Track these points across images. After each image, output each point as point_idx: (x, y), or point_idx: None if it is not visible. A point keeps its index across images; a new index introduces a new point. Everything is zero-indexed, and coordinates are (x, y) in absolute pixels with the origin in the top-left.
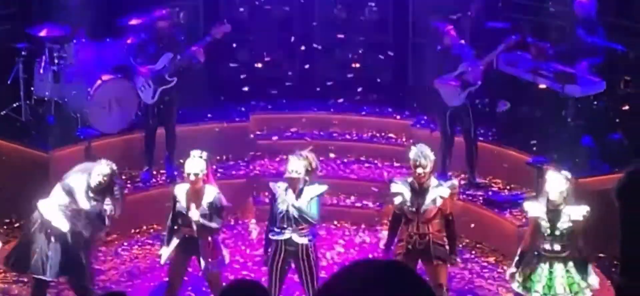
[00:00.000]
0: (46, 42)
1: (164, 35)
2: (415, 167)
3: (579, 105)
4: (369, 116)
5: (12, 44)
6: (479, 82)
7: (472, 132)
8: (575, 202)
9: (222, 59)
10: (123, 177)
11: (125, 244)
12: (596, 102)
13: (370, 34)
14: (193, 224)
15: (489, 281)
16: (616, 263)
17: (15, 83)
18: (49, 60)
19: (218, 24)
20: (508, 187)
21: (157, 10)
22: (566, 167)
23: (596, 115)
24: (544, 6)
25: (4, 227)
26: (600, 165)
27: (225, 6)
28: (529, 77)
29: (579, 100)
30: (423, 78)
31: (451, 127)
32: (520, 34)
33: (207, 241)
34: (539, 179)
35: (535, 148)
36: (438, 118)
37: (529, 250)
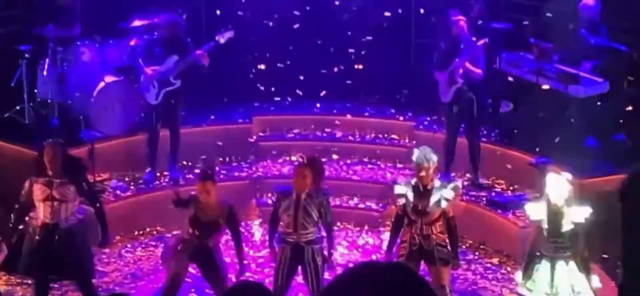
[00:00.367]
0: (49, 44)
1: (170, 38)
2: (418, 170)
3: (582, 106)
4: (372, 117)
5: (16, 46)
6: (460, 80)
7: (475, 132)
8: (577, 203)
9: (225, 60)
10: (126, 179)
11: (128, 246)
12: (599, 103)
13: (373, 35)
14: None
15: (492, 282)
16: (620, 263)
17: (18, 85)
18: (52, 62)
19: (223, 29)
20: (511, 188)
21: (163, 12)
22: (569, 167)
23: (599, 116)
24: (547, 6)
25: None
26: (604, 166)
27: (227, 8)
28: (532, 78)
29: (582, 100)
30: (426, 80)
31: (455, 127)
32: (522, 34)
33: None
34: (542, 180)
35: (538, 149)
36: (443, 117)
37: (533, 252)
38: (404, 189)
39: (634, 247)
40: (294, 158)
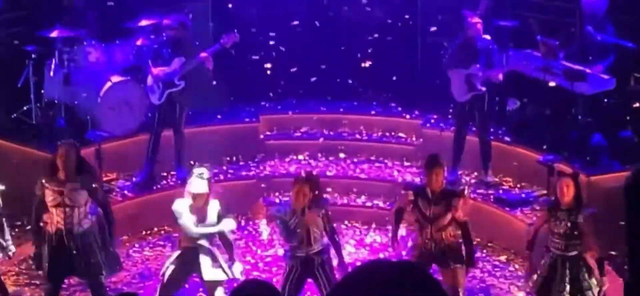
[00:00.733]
0: (56, 44)
1: (178, 39)
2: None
3: (589, 103)
4: (379, 116)
5: (22, 46)
6: (483, 89)
7: (486, 129)
8: (586, 202)
9: (231, 60)
10: (133, 179)
11: (136, 246)
12: (606, 100)
13: (379, 33)
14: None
15: (500, 279)
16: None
17: (25, 86)
18: (58, 63)
19: (228, 33)
20: (518, 186)
21: (170, 14)
22: (576, 165)
23: (606, 113)
24: (553, 4)
25: (16, 230)
26: (611, 163)
27: (234, 8)
28: (539, 75)
29: (588, 97)
30: (433, 77)
31: (466, 125)
32: (529, 32)
33: (210, 253)
34: (549, 177)
35: (545, 147)
36: (453, 114)
37: (539, 249)
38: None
39: (638, 244)
40: (301, 157)
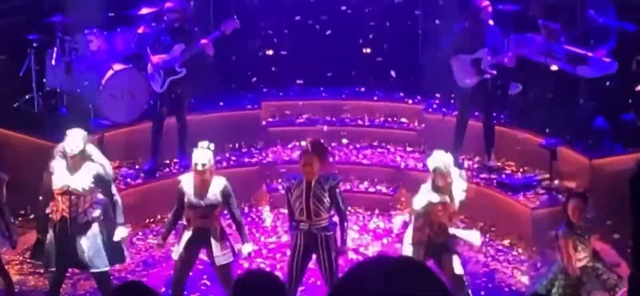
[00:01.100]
0: (57, 33)
1: (178, 26)
2: (438, 177)
3: (591, 86)
4: (381, 101)
5: (24, 35)
6: (494, 72)
7: (490, 113)
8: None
9: (233, 46)
10: (136, 167)
11: (139, 234)
12: (608, 83)
13: (380, 18)
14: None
15: (503, 264)
16: (630, 243)
17: (27, 75)
18: (60, 51)
19: (228, 19)
20: (521, 170)
21: (169, 1)
22: (579, 148)
23: (608, 96)
24: None
25: (19, 219)
26: (613, 146)
27: None
28: (541, 59)
29: (590, 81)
30: (435, 62)
31: (469, 109)
32: (531, 15)
33: (218, 233)
34: (552, 161)
35: (547, 130)
36: (456, 99)
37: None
38: (425, 197)
39: None
40: (304, 144)
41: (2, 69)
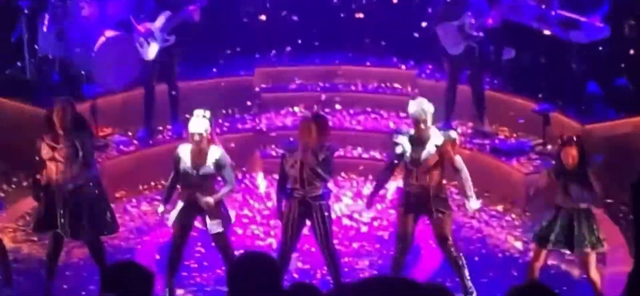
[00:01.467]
0: None
1: None
2: (416, 122)
3: (584, 52)
4: (374, 67)
5: (15, 1)
6: (480, 34)
7: (479, 79)
8: (588, 153)
9: (226, 13)
10: (129, 134)
11: (133, 201)
12: (601, 48)
13: None
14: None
15: (497, 229)
16: (623, 208)
17: (18, 42)
18: (52, 18)
19: None
20: (514, 135)
21: None
22: (572, 113)
23: (601, 61)
24: None
25: (12, 186)
26: (606, 111)
27: None
28: (534, 24)
29: (583, 46)
30: (428, 27)
31: (458, 75)
32: None
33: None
34: (545, 126)
35: (540, 96)
36: (445, 65)
37: (545, 203)
38: (401, 139)
39: None
40: (297, 110)
41: None
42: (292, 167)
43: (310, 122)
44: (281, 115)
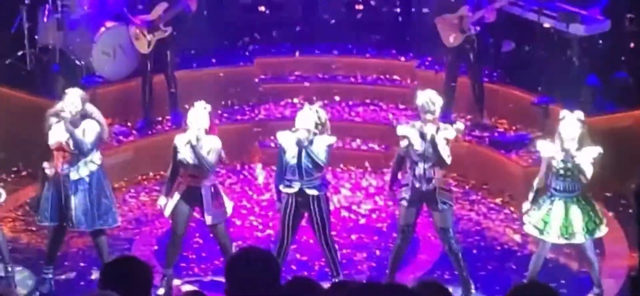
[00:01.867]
0: None
1: None
2: (424, 113)
3: (584, 44)
4: (373, 58)
5: None
6: (477, 28)
7: (478, 72)
8: (589, 143)
9: (226, 3)
10: (128, 124)
11: (132, 191)
12: (601, 41)
13: None
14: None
15: (496, 222)
16: (622, 201)
17: (19, 32)
18: (52, 8)
19: None
20: (514, 128)
21: None
22: (571, 106)
23: (601, 54)
24: None
25: (12, 176)
26: (605, 104)
27: None
28: (534, 17)
29: (583, 39)
30: (428, 19)
31: (457, 67)
32: None
33: (210, 192)
34: (544, 119)
35: (540, 88)
36: (444, 58)
37: (543, 189)
38: (407, 131)
39: None
40: (296, 101)
41: None
42: (289, 158)
43: (309, 113)
44: (281, 106)
